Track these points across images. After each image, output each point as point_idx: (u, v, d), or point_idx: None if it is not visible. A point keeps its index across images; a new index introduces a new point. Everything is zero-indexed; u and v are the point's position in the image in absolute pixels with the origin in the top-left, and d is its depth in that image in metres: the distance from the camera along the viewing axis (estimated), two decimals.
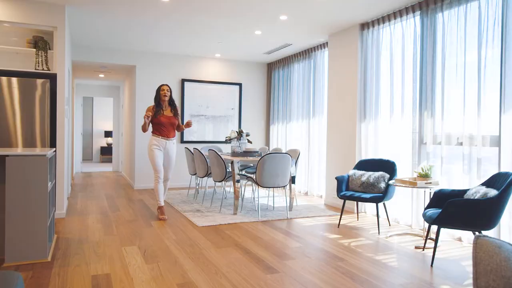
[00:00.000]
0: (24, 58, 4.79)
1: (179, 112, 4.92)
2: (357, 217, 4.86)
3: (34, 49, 4.64)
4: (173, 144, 4.81)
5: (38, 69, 4.64)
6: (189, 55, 7.47)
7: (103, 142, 13.24)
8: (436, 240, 3.16)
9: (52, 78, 4.65)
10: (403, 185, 3.78)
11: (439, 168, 4.06)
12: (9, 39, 4.76)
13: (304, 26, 5.43)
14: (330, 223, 4.61)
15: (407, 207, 4.49)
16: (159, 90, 4.73)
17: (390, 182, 4.05)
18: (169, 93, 4.73)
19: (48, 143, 4.54)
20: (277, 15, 4.95)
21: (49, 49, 4.78)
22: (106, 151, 12.89)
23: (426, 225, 4.01)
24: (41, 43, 4.65)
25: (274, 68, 7.92)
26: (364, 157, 5.10)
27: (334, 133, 5.71)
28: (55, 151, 3.86)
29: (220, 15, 4.97)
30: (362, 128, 5.19)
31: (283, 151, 6.88)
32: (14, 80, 4.36)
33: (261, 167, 4.73)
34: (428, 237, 3.72)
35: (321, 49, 6.36)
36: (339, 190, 4.41)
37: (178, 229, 4.24)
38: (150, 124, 4.72)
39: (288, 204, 5.33)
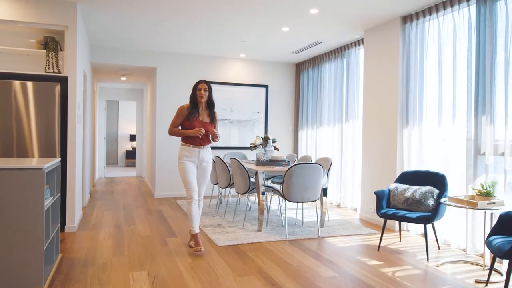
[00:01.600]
0: (35, 61, 4.49)
1: (217, 117, 4.01)
2: (400, 237, 4.23)
3: (44, 51, 4.33)
4: (207, 152, 3.88)
5: (48, 72, 4.32)
6: (212, 55, 7.04)
7: (128, 146, 13.08)
8: (507, 278, 2.53)
9: (63, 81, 4.32)
10: (460, 205, 3.15)
11: (502, 184, 3.40)
12: (19, 40, 4.46)
13: (337, 21, 4.87)
14: (368, 244, 4.02)
15: (460, 227, 3.84)
16: (195, 88, 3.83)
17: (442, 200, 3.43)
18: (207, 93, 3.84)
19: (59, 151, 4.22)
20: (306, 9, 4.42)
21: (61, 50, 4.46)
22: (131, 155, 12.71)
23: (487, 250, 3.36)
24: (52, 44, 4.33)
25: (303, 69, 7.37)
26: (406, 168, 4.47)
27: (371, 139, 5.10)
28: (60, 161, 3.49)
29: (243, 10, 4.49)
30: (404, 134, 4.57)
31: (313, 160, 6.32)
32: (29, 84, 4.09)
33: (288, 179, 4.21)
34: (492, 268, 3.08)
35: (355, 46, 5.77)
36: (379, 207, 3.82)
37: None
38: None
39: (319, 219, 4.77)
